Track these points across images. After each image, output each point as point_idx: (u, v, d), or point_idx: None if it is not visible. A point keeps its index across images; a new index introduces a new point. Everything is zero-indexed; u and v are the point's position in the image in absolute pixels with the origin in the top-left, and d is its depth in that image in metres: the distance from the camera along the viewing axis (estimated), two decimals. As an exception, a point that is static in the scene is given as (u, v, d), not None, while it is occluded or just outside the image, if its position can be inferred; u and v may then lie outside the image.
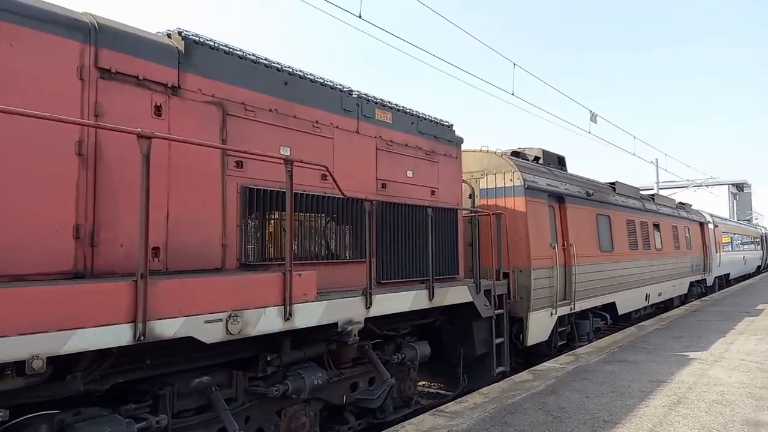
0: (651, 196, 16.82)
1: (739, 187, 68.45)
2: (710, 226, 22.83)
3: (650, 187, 30.97)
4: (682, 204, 20.81)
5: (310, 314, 4.84)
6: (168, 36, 4.78)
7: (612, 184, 13.84)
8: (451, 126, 8.18)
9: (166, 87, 4.52)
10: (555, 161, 11.94)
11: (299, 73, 5.77)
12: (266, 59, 5.44)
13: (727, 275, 26.53)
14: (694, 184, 37.19)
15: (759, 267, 37.79)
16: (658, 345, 9.82)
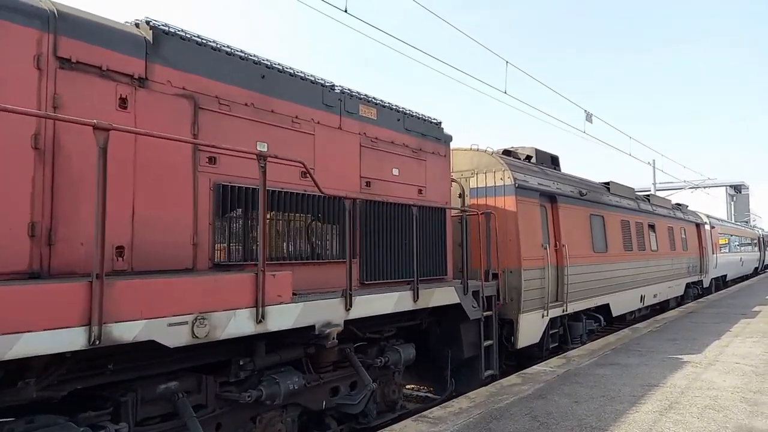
0: (646, 197, 16.65)
1: (737, 189, 68.41)
2: (707, 227, 22.66)
3: (647, 189, 30.82)
4: (678, 205, 20.64)
5: (285, 316, 4.63)
6: (136, 26, 4.58)
7: (606, 184, 13.65)
8: (440, 123, 7.98)
9: (132, 78, 4.31)
10: (548, 160, 11.75)
11: (278, 67, 5.57)
12: (242, 51, 5.24)
13: (724, 277, 26.38)
14: (692, 186, 37.07)
15: (756, 268, 37.66)
16: (652, 347, 9.63)
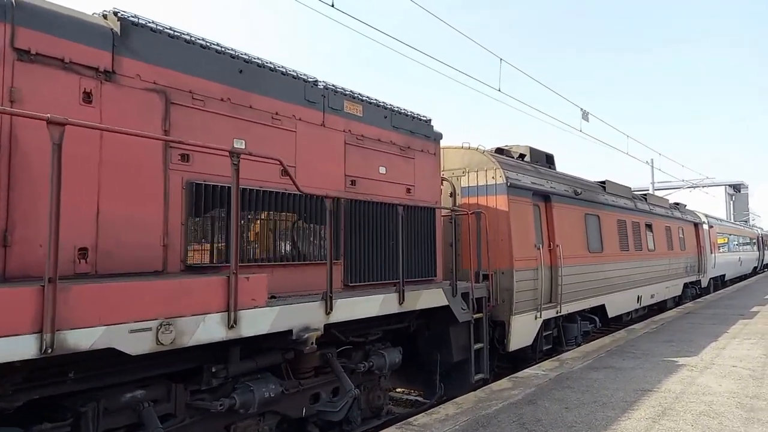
0: (643, 196, 16.45)
1: (736, 188, 68.28)
2: (705, 227, 22.48)
3: (645, 188, 30.63)
4: (676, 204, 20.45)
5: (260, 321, 4.43)
6: (104, 17, 4.37)
7: (602, 183, 13.45)
8: (429, 121, 7.79)
9: (98, 71, 4.11)
10: (543, 159, 11.55)
11: (257, 61, 5.37)
12: (218, 45, 5.03)
13: (723, 276, 26.21)
14: (690, 185, 36.87)
15: (755, 268, 37.49)
16: (647, 350, 9.43)
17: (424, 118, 7.67)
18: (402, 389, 8.92)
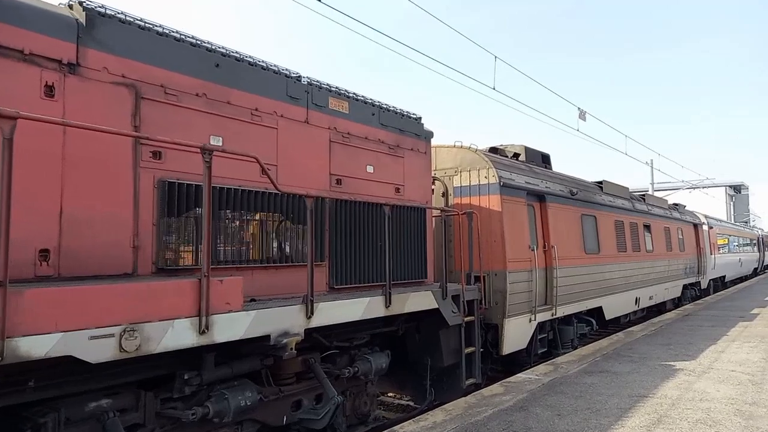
0: (642, 196, 16.23)
1: (737, 189, 68.04)
2: (705, 228, 22.25)
3: (645, 189, 30.41)
4: (675, 205, 20.23)
5: (234, 326, 4.22)
6: (69, 7, 4.17)
7: (599, 183, 13.24)
8: (420, 119, 7.58)
9: (61, 64, 3.91)
10: (538, 159, 11.35)
11: (235, 55, 5.17)
12: (193, 37, 4.83)
13: (723, 278, 25.97)
14: (690, 186, 36.64)
15: (755, 269, 37.26)
16: (645, 353, 9.22)
17: (414, 116, 7.47)
18: (393, 394, 8.71)
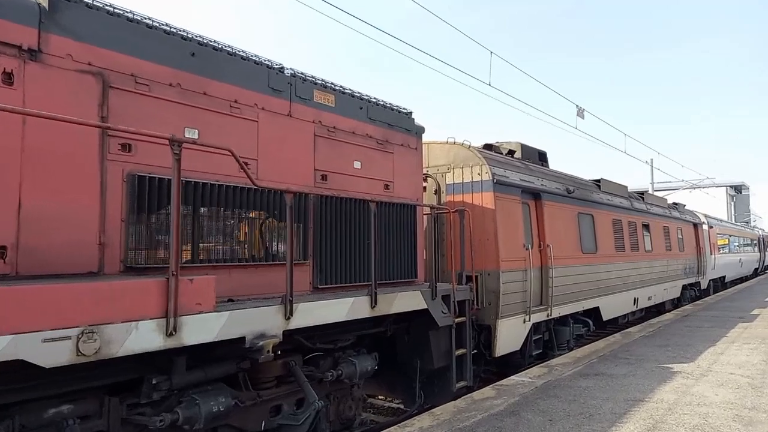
0: (640, 195, 15.99)
1: (737, 189, 67.80)
2: (705, 227, 22.02)
3: (645, 188, 30.13)
4: (675, 204, 20.00)
5: (206, 328, 4.00)
6: (33, -9, 3.95)
7: (597, 182, 13.01)
8: (410, 113, 7.36)
9: (21, 50, 3.68)
10: (535, 156, 11.12)
11: (212, 44, 4.95)
12: (167, 25, 4.61)
13: (723, 278, 25.75)
14: (691, 185, 36.40)
15: (756, 269, 37.02)
16: (642, 355, 9.00)
17: (405, 111, 7.25)
18: (383, 396, 8.50)
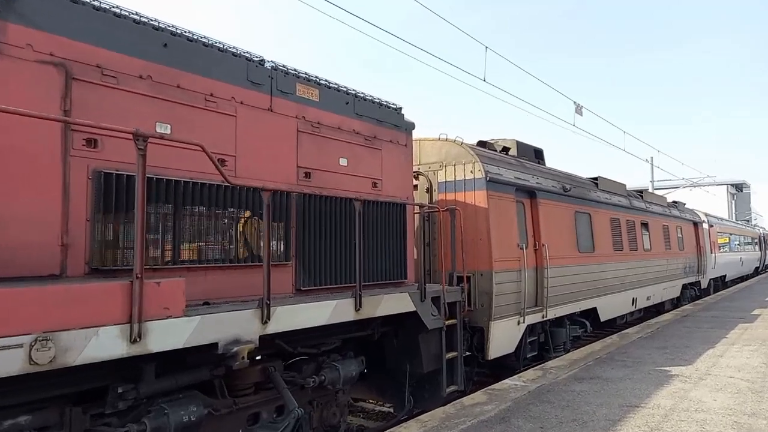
0: (639, 193, 15.76)
1: (738, 188, 67.55)
2: (705, 226, 21.80)
3: (645, 186, 29.88)
4: (675, 202, 19.77)
5: (174, 334, 3.78)
6: (-11, -23, 3.73)
7: (594, 180, 12.79)
8: (400, 109, 7.14)
9: (-26, 39, 3.48)
10: (531, 154, 10.89)
11: (186, 35, 4.72)
12: (137, 14, 4.39)
13: (723, 277, 25.53)
14: (691, 184, 36.15)
15: (757, 268, 36.79)
16: (639, 357, 8.78)
17: (394, 106, 7.03)
18: (373, 400, 8.29)
